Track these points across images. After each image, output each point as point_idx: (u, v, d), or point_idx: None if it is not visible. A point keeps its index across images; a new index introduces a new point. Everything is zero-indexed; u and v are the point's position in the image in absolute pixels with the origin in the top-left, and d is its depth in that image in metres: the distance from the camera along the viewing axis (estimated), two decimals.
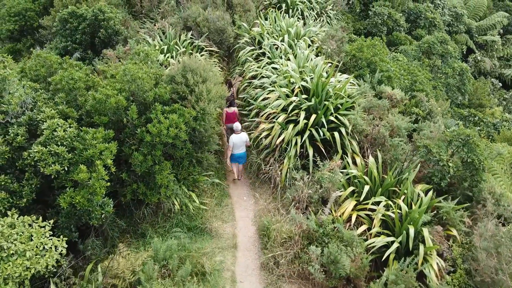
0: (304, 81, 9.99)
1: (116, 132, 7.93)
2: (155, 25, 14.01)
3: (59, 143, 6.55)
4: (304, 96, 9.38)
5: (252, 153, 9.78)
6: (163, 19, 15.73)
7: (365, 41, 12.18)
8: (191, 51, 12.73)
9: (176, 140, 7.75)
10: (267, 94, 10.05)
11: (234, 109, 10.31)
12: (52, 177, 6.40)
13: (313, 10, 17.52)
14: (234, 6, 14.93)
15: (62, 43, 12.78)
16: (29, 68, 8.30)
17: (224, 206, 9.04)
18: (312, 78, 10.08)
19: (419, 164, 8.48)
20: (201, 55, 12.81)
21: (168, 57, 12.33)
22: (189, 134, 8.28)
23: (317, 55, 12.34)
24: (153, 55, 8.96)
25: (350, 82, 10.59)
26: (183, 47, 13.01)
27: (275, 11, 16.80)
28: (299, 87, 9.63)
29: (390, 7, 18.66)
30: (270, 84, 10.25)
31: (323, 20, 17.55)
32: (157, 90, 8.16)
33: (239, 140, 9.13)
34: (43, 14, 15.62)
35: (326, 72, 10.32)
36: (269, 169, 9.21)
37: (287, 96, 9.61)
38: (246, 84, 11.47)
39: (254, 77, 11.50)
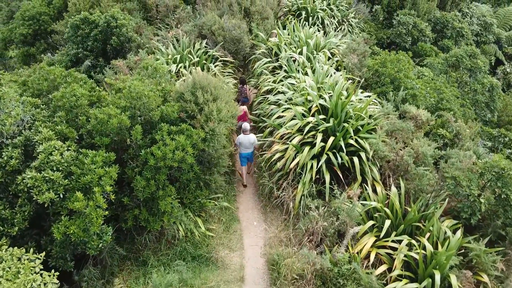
0: (322, 98, 9.34)
1: (119, 152, 7.47)
2: (169, 32, 13.54)
3: (54, 168, 6.08)
4: (321, 116, 8.72)
5: (264, 176, 9.17)
6: (178, 25, 15.31)
7: (389, 55, 11.42)
8: (204, 62, 12.21)
9: (182, 164, 7.21)
10: (282, 111, 9.43)
11: (244, 107, 10.56)
12: (46, 205, 5.93)
13: (334, 18, 16.81)
14: (252, 14, 14.35)
15: (73, 50, 12.43)
16: (31, 82, 7.88)
17: (232, 232, 8.45)
18: (331, 96, 9.42)
19: (447, 198, 7.73)
20: (215, 65, 12.29)
21: (180, 67, 11.84)
22: (197, 155, 7.73)
23: (337, 69, 11.66)
24: (162, 69, 8.44)
25: (368, 95, 9.88)
26: (197, 57, 12.50)
27: (294, 19, 16.19)
28: (316, 106, 8.98)
29: (415, 16, 17.79)
30: (286, 101, 9.62)
31: (344, 29, 16.83)
32: (164, 108, 7.64)
33: (246, 141, 9.17)
34: (58, 18, 15.37)
35: (346, 90, 9.64)
36: (282, 194, 8.58)
37: (303, 115, 8.97)
38: (261, 98, 10.86)
39: (269, 91, 10.90)
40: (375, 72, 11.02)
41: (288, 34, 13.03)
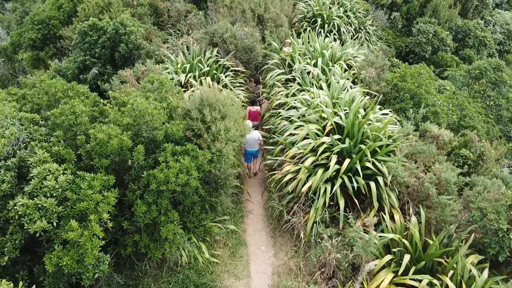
0: (337, 115, 8.79)
1: (120, 172, 7.04)
2: (179, 40, 13.11)
3: (48, 195, 5.66)
4: (336, 136, 8.17)
5: (274, 198, 8.66)
6: (190, 31, 14.90)
7: (409, 68, 10.80)
8: (215, 72, 11.75)
9: (186, 188, 6.73)
10: (294, 129, 8.90)
11: (257, 108, 10.86)
12: (37, 235, 5.51)
13: (350, 26, 16.23)
14: (265, 21, 13.85)
15: (81, 57, 12.09)
16: (31, 96, 7.50)
17: (238, 258, 7.95)
18: (347, 112, 8.87)
19: (472, 231, 7.11)
20: (226, 76, 11.82)
21: (190, 76, 11.40)
22: (203, 177, 7.26)
23: (353, 82, 11.09)
24: (168, 84, 7.98)
25: (386, 113, 9.29)
26: (207, 66, 12.05)
27: (309, 26, 15.65)
28: (331, 124, 8.43)
29: (436, 24, 17.08)
30: (299, 118, 9.09)
31: (361, 37, 16.23)
32: (169, 126, 7.18)
33: (251, 138, 9.41)
34: (67, 22, 15.08)
35: (364, 109, 9.06)
36: (292, 218, 8.06)
37: (317, 135, 8.43)
38: (272, 112, 10.35)
39: (281, 104, 10.39)
40: (394, 86, 10.42)
41: (303, 44, 12.49)
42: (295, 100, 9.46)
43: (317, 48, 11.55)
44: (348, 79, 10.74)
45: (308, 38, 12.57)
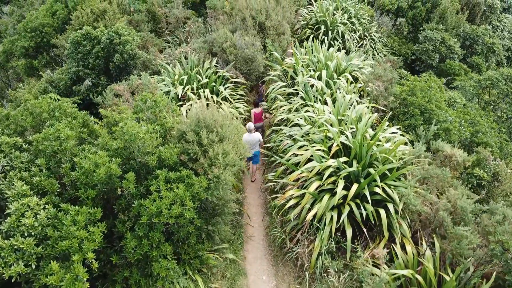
0: (343, 134, 8.23)
1: (110, 200, 6.50)
2: (177, 49, 12.56)
3: (26, 234, 5.11)
4: (343, 159, 7.61)
5: (275, 224, 8.10)
6: (188, 39, 14.36)
7: (419, 80, 10.22)
8: (214, 84, 11.20)
9: (180, 219, 6.18)
10: (297, 148, 8.34)
11: (260, 109, 10.94)
12: (13, 280, 4.96)
13: (355, 33, 15.65)
14: (267, 29, 13.30)
15: (73, 68, 11.56)
16: (14, 117, 6.96)
17: None
18: (353, 131, 8.31)
19: (493, 268, 6.53)
20: (225, 88, 11.27)
21: (188, 89, 10.85)
22: (199, 205, 6.71)
23: (360, 95, 10.52)
24: (162, 102, 7.43)
25: (394, 131, 8.73)
26: (206, 77, 11.51)
27: (312, 33, 15.08)
28: (337, 145, 7.87)
29: (443, 30, 16.50)
30: (302, 136, 8.53)
31: (366, 45, 15.66)
32: (162, 151, 6.62)
33: (251, 140, 9.35)
34: (62, 30, 14.54)
35: (372, 128, 8.50)
36: (296, 247, 7.49)
37: (322, 157, 7.87)
38: (274, 128, 9.79)
39: (283, 119, 9.83)
40: (403, 101, 9.85)
41: (306, 54, 11.92)
42: (298, 117, 8.90)
43: (321, 59, 10.99)
44: (354, 92, 10.18)
45: (312, 48, 11.99)
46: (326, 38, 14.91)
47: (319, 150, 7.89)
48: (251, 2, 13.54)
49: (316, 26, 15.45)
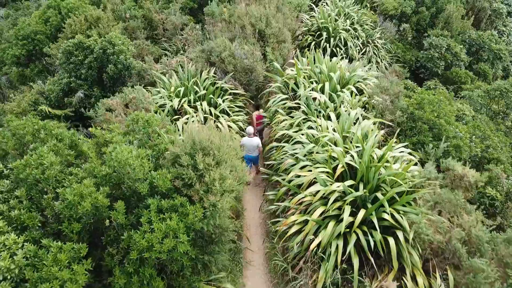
0: (348, 154, 7.74)
1: (98, 230, 6.01)
2: (173, 58, 12.07)
3: (1, 278, 4.62)
4: (349, 182, 7.11)
5: (276, 252, 7.60)
6: (186, 46, 13.87)
7: (427, 93, 9.73)
8: (212, 96, 10.71)
9: (173, 253, 5.69)
10: (299, 168, 7.85)
11: (261, 111, 10.93)
12: None
13: (358, 39, 15.16)
14: (267, 37, 12.80)
15: (65, 79, 11.07)
16: None
17: None
18: (359, 150, 7.82)
19: None
20: (224, 100, 10.78)
21: (184, 101, 10.36)
22: (193, 236, 6.22)
23: (364, 107, 10.03)
24: (155, 123, 6.93)
25: (402, 150, 8.23)
26: (204, 89, 11.02)
27: (314, 40, 14.61)
28: (343, 166, 7.37)
29: (448, 36, 16.00)
30: (305, 155, 8.04)
31: (369, 51, 15.17)
32: (155, 176, 6.13)
33: (250, 144, 9.33)
34: (55, 37, 14.02)
35: (379, 145, 8.01)
36: (298, 276, 7.00)
37: (327, 178, 7.37)
38: (274, 144, 9.30)
39: (285, 134, 9.34)
40: (410, 115, 9.36)
41: (308, 64, 11.43)
42: (301, 134, 8.40)
43: (324, 70, 10.50)
44: (358, 104, 9.70)
45: (314, 58, 11.49)
46: (328, 45, 14.44)
47: (323, 172, 7.38)
48: (250, 9, 13.06)
49: (318, 32, 14.96)
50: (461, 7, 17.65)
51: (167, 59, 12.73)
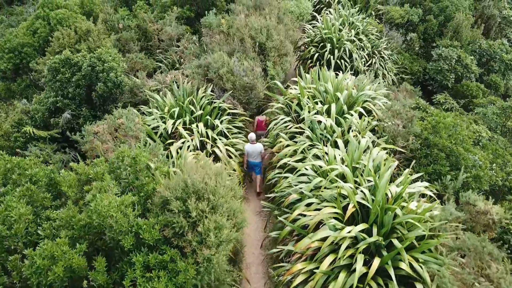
0: (359, 188, 6.96)
1: None
2: (167, 75, 11.29)
3: None
4: (361, 226, 6.33)
5: None
6: (181, 59, 13.11)
7: (442, 116, 8.96)
8: (208, 117, 9.93)
9: None
10: (305, 205, 7.07)
11: (265, 116, 10.85)
12: None
13: (363, 50, 14.37)
14: (268, 50, 12.03)
15: (51, 98, 10.30)
16: None
17: None
18: (371, 184, 7.04)
19: None
20: (221, 122, 10.02)
21: (179, 123, 9.58)
22: None
23: (372, 130, 9.25)
24: (142, 161, 6.14)
25: (413, 178, 7.46)
26: (200, 108, 10.24)
27: (317, 52, 13.83)
28: (354, 206, 6.59)
29: (458, 47, 15.23)
30: (311, 190, 7.26)
31: (375, 63, 14.39)
32: (141, 224, 5.35)
33: (253, 150, 9.28)
34: (44, 49, 13.25)
35: (392, 178, 7.23)
36: None
37: (336, 218, 6.59)
38: (277, 174, 8.52)
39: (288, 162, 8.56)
40: (424, 140, 8.59)
41: (312, 81, 10.65)
42: (306, 166, 7.62)
43: (330, 89, 9.71)
44: (367, 128, 8.93)
45: (318, 75, 10.71)
46: (332, 57, 13.65)
47: (332, 212, 6.60)
48: (250, 20, 12.29)
49: (322, 44, 14.18)
50: (470, 14, 16.89)
51: (162, 74, 11.97)
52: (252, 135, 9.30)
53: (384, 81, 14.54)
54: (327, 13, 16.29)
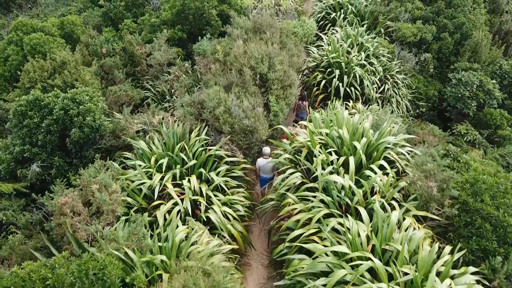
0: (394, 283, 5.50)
1: None
2: (155, 116, 9.77)
3: None
4: None
5: None
6: (172, 90, 11.62)
7: (482, 171, 7.50)
8: (202, 170, 8.42)
9: None
10: None
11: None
12: None
13: (374, 75, 12.94)
14: (270, 81, 10.53)
15: (17, 147, 8.74)
16: None
17: None
18: (408, 279, 5.57)
19: None
20: (218, 172, 8.53)
21: (168, 178, 8.08)
22: None
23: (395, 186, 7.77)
24: (114, 272, 4.63)
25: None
26: (194, 157, 8.75)
27: (324, 78, 12.37)
28: None
29: (479, 69, 13.81)
30: (334, 286, 5.76)
31: (388, 89, 12.96)
32: None
33: (266, 166, 8.80)
34: (16, 80, 11.66)
35: (434, 264, 5.75)
36: None
37: None
38: (286, 252, 7.04)
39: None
40: (462, 204, 7.13)
41: (323, 122, 9.17)
42: (326, 251, 6.12)
43: (346, 137, 8.22)
44: (393, 186, 7.46)
45: (329, 116, 9.23)
46: (341, 84, 12.20)
47: None
48: (249, 47, 10.79)
49: (329, 69, 12.72)
50: (487, 31, 15.49)
51: (149, 109, 10.47)
52: (266, 149, 8.79)
53: (399, 109, 13.13)
54: (333, 32, 14.83)
